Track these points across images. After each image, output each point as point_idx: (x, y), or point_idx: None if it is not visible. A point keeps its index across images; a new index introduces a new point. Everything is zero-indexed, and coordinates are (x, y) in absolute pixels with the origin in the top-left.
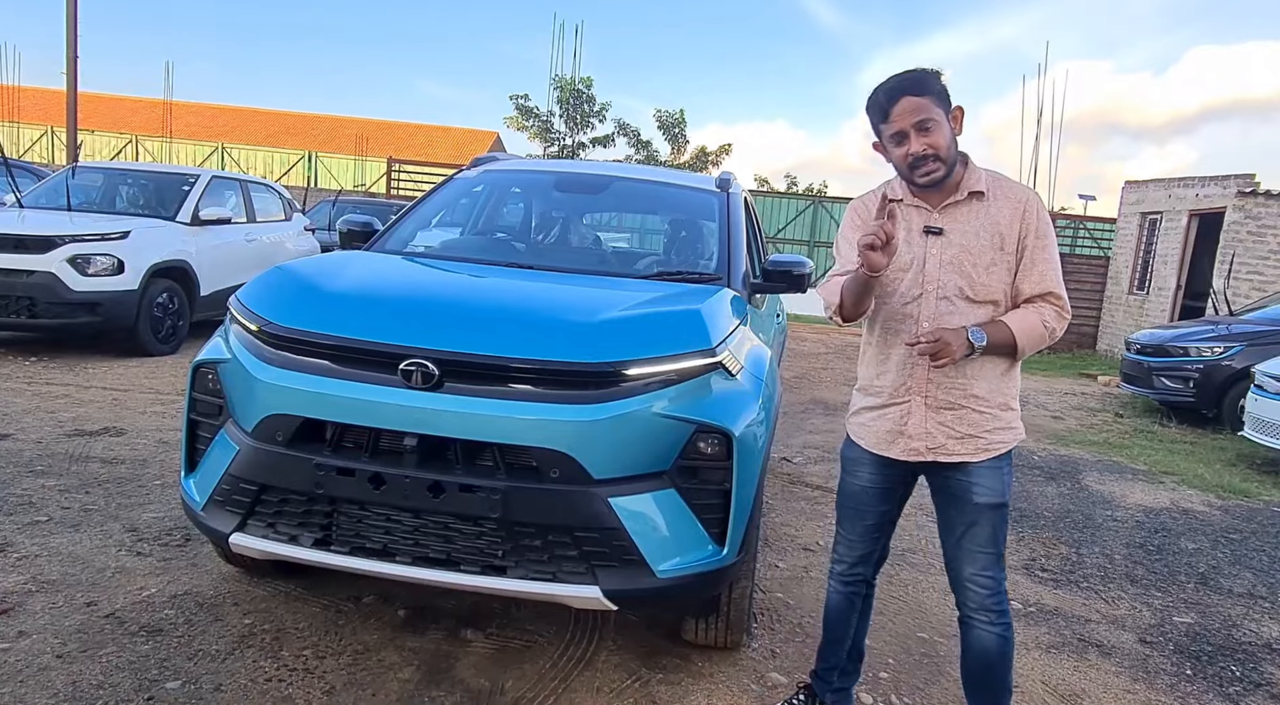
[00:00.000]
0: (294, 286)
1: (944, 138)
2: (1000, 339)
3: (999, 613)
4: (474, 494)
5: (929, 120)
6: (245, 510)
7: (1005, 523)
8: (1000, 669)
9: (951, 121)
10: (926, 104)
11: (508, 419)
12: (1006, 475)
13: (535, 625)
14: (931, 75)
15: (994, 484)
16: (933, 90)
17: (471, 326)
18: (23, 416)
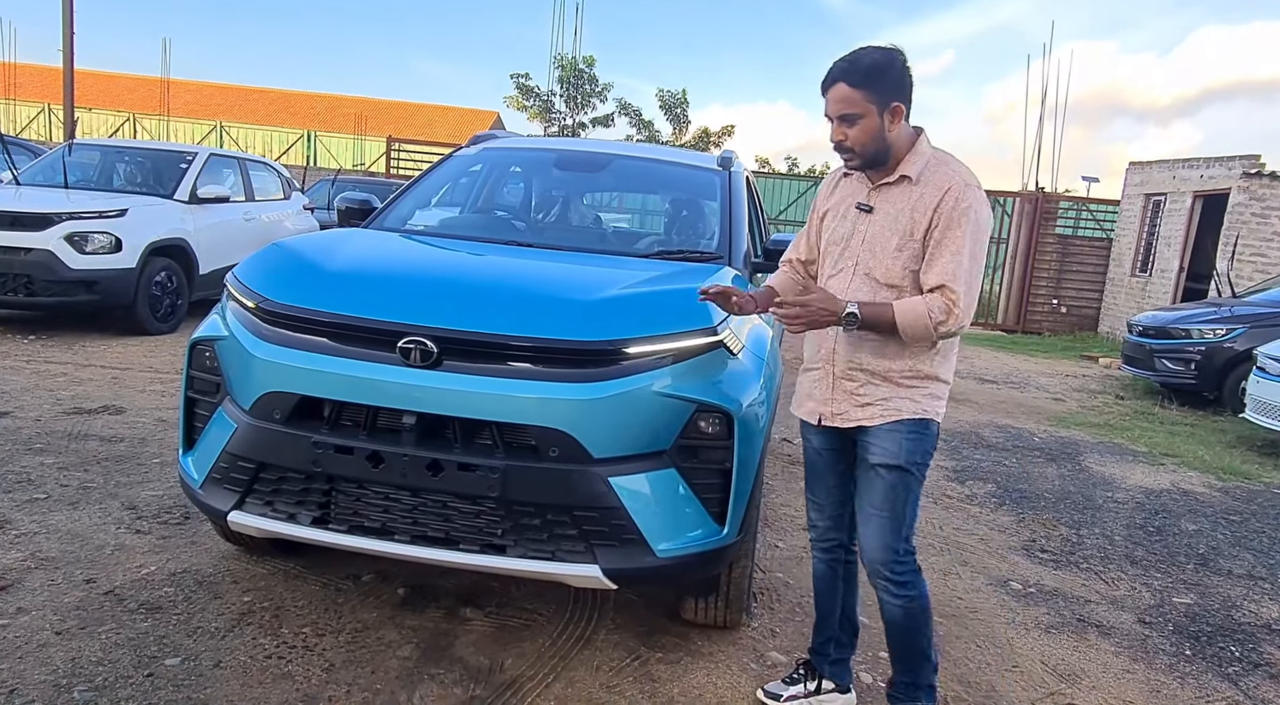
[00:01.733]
0: (292, 263)
1: (864, 133)
2: (876, 317)
3: (898, 583)
4: (473, 472)
5: (851, 115)
6: (243, 488)
7: (905, 490)
8: (906, 640)
9: (888, 116)
10: (856, 98)
11: (507, 397)
12: (908, 441)
13: (534, 604)
14: (880, 65)
15: (889, 446)
16: (872, 82)
17: (471, 304)
18: (21, 395)
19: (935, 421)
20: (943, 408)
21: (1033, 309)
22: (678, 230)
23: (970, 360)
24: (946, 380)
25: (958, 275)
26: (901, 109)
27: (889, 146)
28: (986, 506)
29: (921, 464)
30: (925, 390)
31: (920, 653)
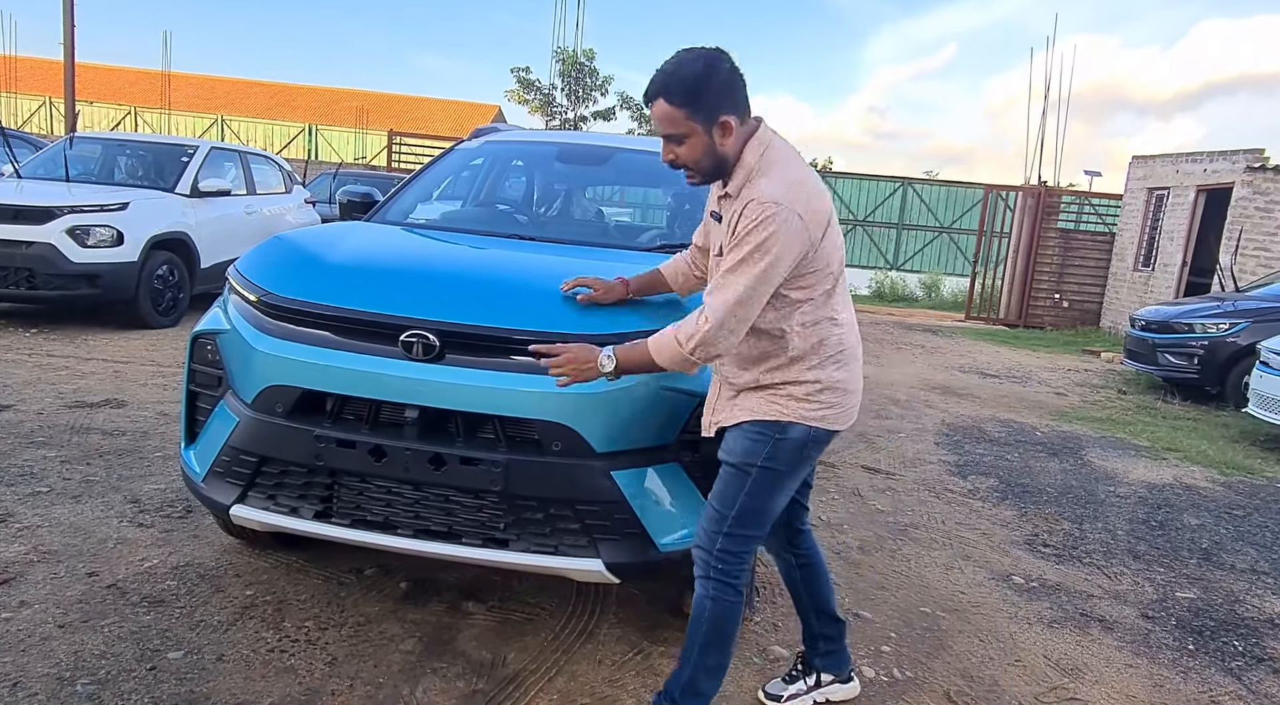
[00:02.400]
0: (293, 256)
1: (694, 152)
2: (634, 360)
3: (703, 576)
4: (475, 467)
5: (675, 135)
6: (245, 482)
7: (736, 487)
8: (691, 637)
9: (717, 132)
10: (679, 117)
11: (509, 391)
12: (747, 441)
13: (537, 598)
14: (700, 78)
15: (730, 444)
16: (693, 99)
17: (473, 298)
18: (24, 388)
19: (799, 425)
20: (816, 409)
21: (1035, 303)
22: (680, 223)
23: (972, 355)
24: (816, 381)
25: (718, 293)
26: (730, 123)
27: (726, 159)
28: (989, 501)
29: (766, 467)
30: (783, 392)
31: (695, 662)
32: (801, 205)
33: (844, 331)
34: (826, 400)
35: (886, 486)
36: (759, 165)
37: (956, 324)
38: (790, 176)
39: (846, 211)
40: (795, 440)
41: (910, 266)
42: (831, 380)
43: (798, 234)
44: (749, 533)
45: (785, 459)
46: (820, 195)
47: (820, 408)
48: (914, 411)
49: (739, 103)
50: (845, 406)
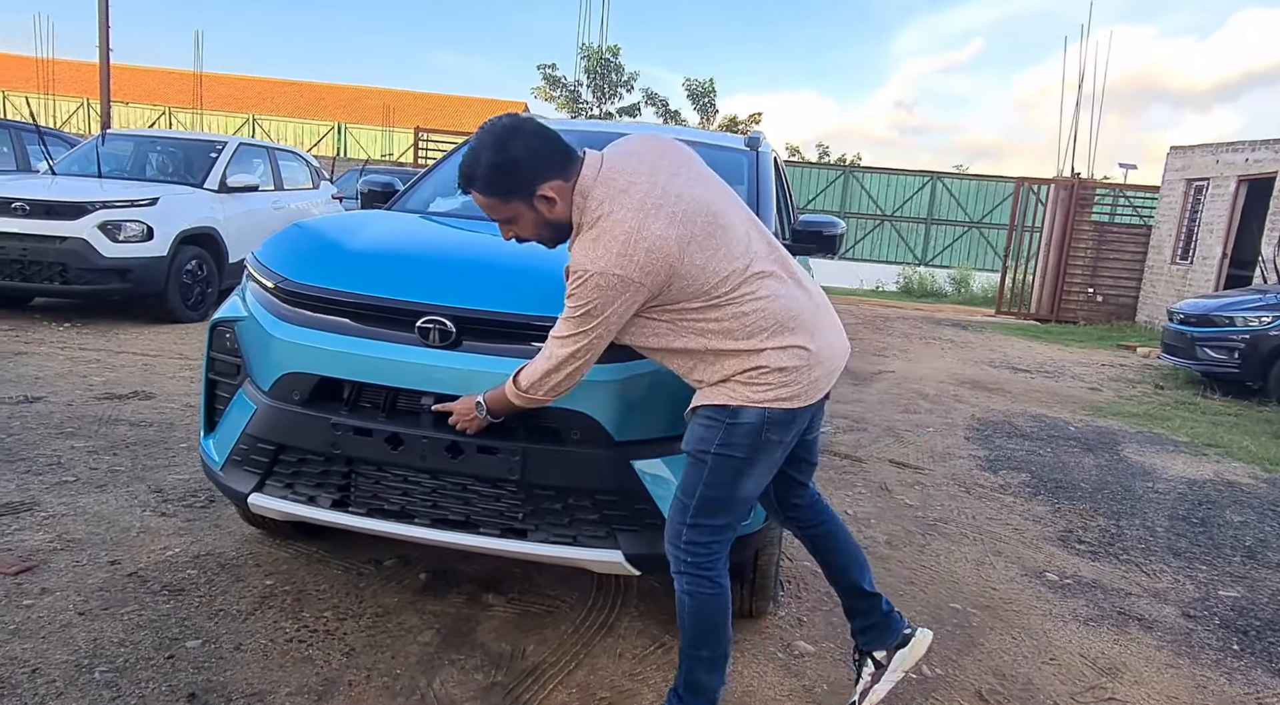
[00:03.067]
0: (311, 243)
1: (528, 228)
2: (499, 402)
3: (676, 570)
4: (493, 455)
5: (504, 218)
6: (263, 470)
7: (693, 475)
8: (685, 625)
9: (541, 205)
10: (497, 205)
11: None
12: (698, 428)
13: (557, 590)
14: (500, 168)
15: (690, 432)
16: (502, 187)
17: (490, 283)
18: (55, 380)
19: (750, 408)
20: (764, 391)
21: (1067, 298)
22: None
23: (1003, 350)
24: (756, 366)
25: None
26: (549, 193)
27: (564, 223)
28: (1020, 496)
29: (721, 454)
30: (729, 376)
31: (688, 656)
32: (620, 263)
33: (770, 303)
34: (775, 381)
35: (915, 481)
36: (581, 223)
37: (986, 319)
38: (612, 230)
39: (874, 206)
40: (749, 425)
41: (939, 262)
42: (776, 361)
43: (623, 292)
44: (714, 522)
45: (741, 445)
46: (654, 239)
47: (769, 389)
48: (943, 406)
49: (552, 165)
50: (802, 382)
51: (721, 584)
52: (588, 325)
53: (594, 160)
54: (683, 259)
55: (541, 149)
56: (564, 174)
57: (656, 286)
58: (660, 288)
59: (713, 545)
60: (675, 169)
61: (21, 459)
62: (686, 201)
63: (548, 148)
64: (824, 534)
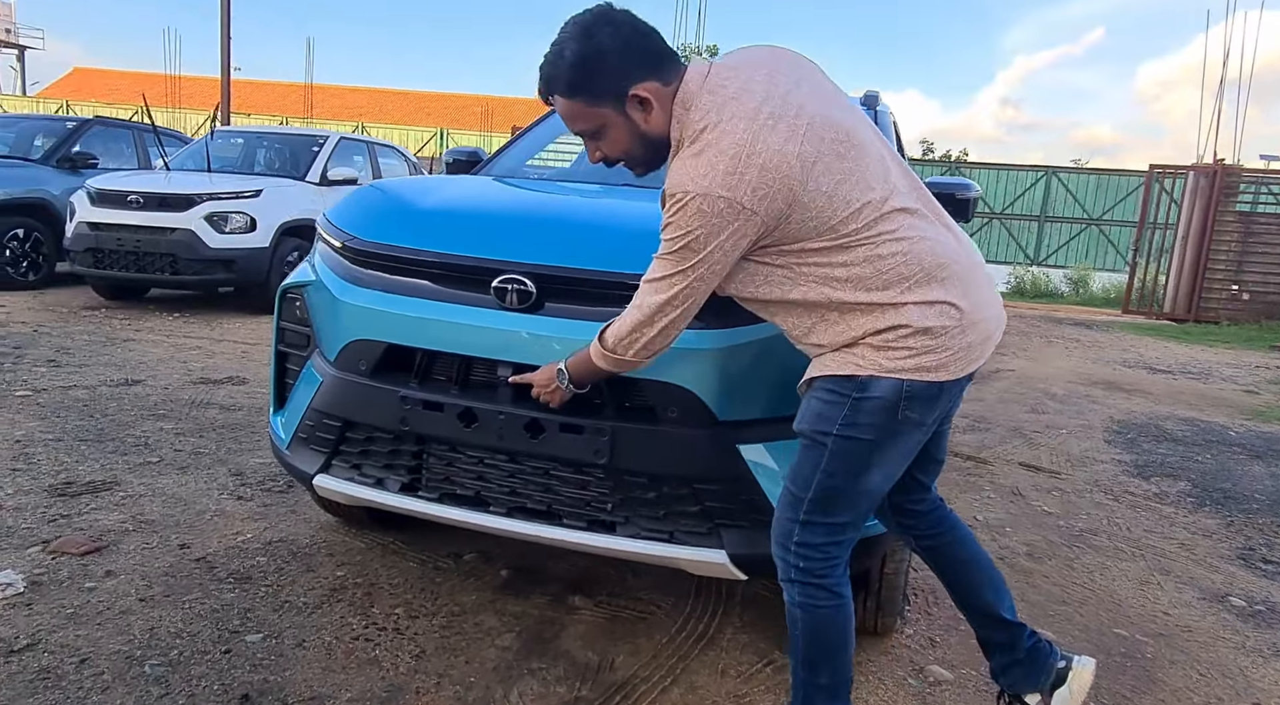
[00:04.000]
0: (384, 202)
1: (618, 143)
2: (583, 367)
3: (784, 577)
4: (578, 435)
5: (589, 130)
6: (330, 449)
7: (807, 462)
8: (798, 644)
9: (634, 112)
10: (580, 109)
11: None
12: (825, 406)
13: (652, 594)
14: (585, 59)
15: (805, 408)
16: (587, 85)
17: (576, 238)
18: (156, 365)
19: (884, 379)
20: (905, 357)
21: (1208, 296)
22: None
23: (1136, 349)
24: (897, 324)
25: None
26: (645, 95)
27: (662, 138)
28: (1182, 507)
29: (844, 436)
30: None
31: (805, 683)
32: (728, 183)
33: (913, 246)
34: (917, 345)
35: (1052, 486)
36: (682, 138)
37: (1112, 319)
38: (719, 143)
39: (982, 204)
40: (881, 400)
41: (1054, 261)
42: (919, 319)
43: (730, 220)
44: (833, 520)
45: (870, 425)
46: (771, 155)
47: (909, 355)
48: (1074, 406)
49: (648, 61)
50: (950, 349)
51: (841, 595)
52: (687, 263)
53: (699, 68)
54: (806, 183)
55: (635, 42)
56: (662, 75)
57: (772, 217)
58: (776, 219)
59: (830, 548)
60: (798, 79)
61: (112, 439)
62: (811, 115)
63: (643, 41)
64: (949, 545)
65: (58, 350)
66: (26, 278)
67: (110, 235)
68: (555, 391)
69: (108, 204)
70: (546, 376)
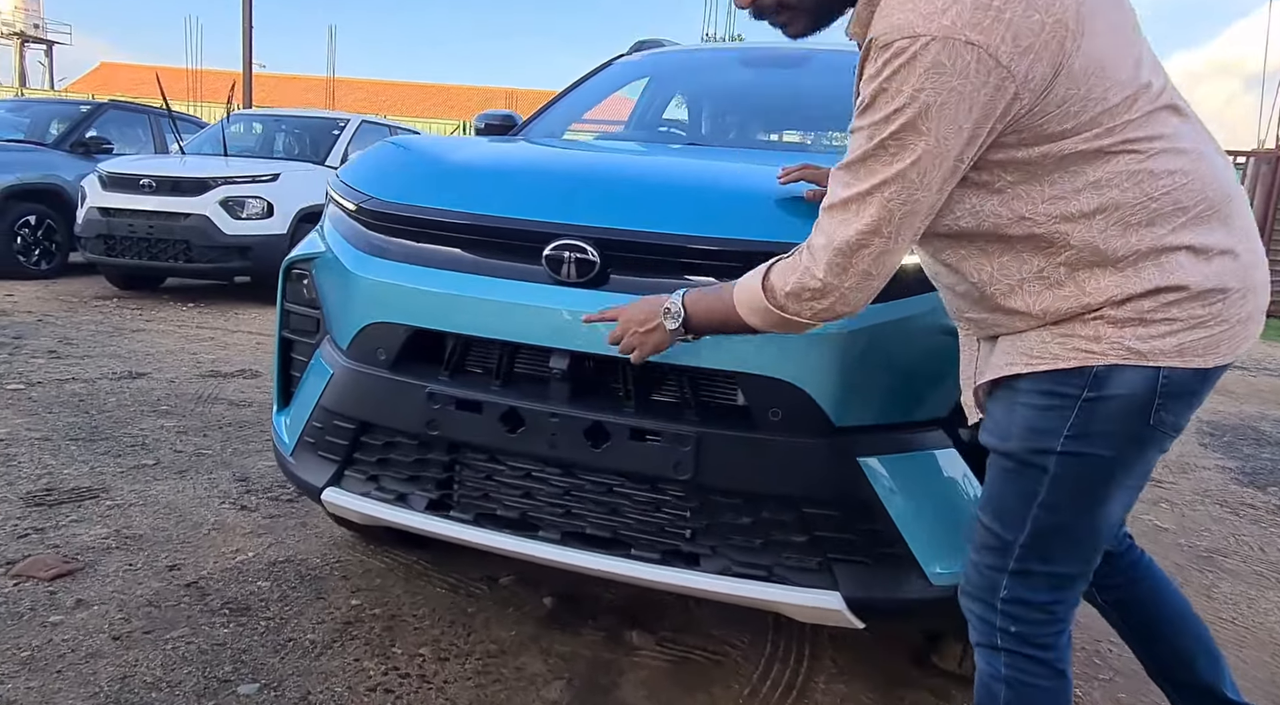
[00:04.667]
0: (408, 156)
1: None
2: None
3: (986, 643)
4: (652, 443)
5: None
6: (341, 457)
7: (1025, 493)
8: None
9: None
10: None
11: None
12: (1040, 414)
13: (724, 630)
14: None
15: (1004, 419)
16: None
17: (649, 197)
18: (164, 357)
19: (1134, 367)
20: (1165, 333)
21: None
22: None
23: None
24: (1158, 285)
25: (831, 219)
26: None
27: None
28: None
29: (1072, 453)
30: (1096, 306)
31: None
32: (981, 23)
33: (1198, 165)
34: (1186, 314)
35: (1159, 498)
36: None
37: None
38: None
39: None
40: (1127, 399)
41: None
42: (1197, 277)
43: (981, 84)
44: (1057, 569)
45: (1110, 434)
46: None
47: (1173, 330)
48: None
49: None
50: (1230, 320)
51: (1064, 672)
52: (902, 159)
53: None
54: (1080, 39)
55: None
56: None
57: (1031, 87)
58: (1035, 92)
59: (1056, 609)
60: None
61: (105, 438)
62: None
63: None
64: (1146, 597)
65: (60, 340)
66: (39, 267)
67: (122, 221)
68: (650, 333)
69: (119, 188)
70: (645, 312)
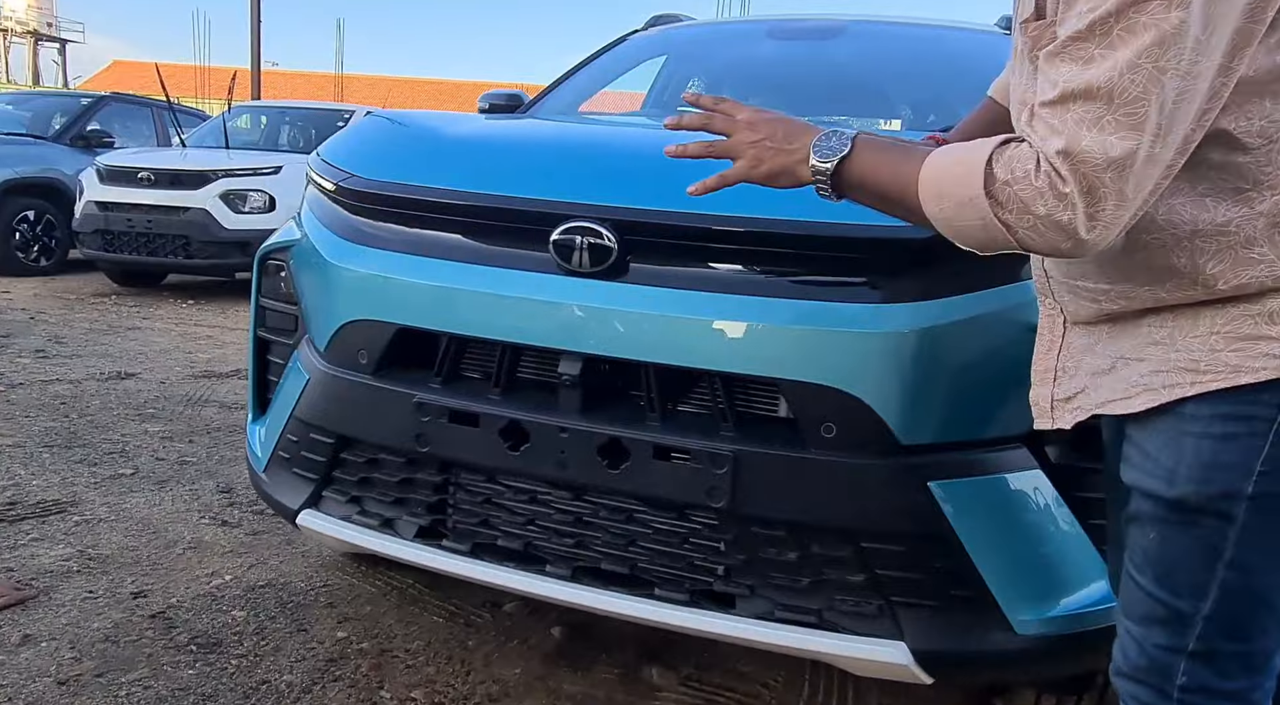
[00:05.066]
0: (395, 131)
1: None
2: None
3: None
4: (680, 464)
5: None
6: (320, 475)
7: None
8: None
9: None
10: None
11: (743, 328)
12: (1195, 446)
13: (754, 667)
14: None
15: (1153, 453)
16: None
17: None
18: (157, 356)
19: None
20: None
21: None
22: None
23: None
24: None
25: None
26: None
27: None
28: None
29: (1264, 496)
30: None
31: None
32: None
33: None
34: None
35: None
36: None
37: None
38: None
39: None
40: None
41: None
42: None
43: None
44: (1256, 646)
45: None
46: None
47: None
48: None
49: None
50: None
51: None
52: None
53: None
54: None
55: None
56: None
57: None
58: None
59: (1252, 696)
60: None
61: (83, 444)
62: None
63: None
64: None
65: (51, 339)
66: (38, 263)
67: (120, 216)
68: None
69: (117, 181)
70: (792, 128)
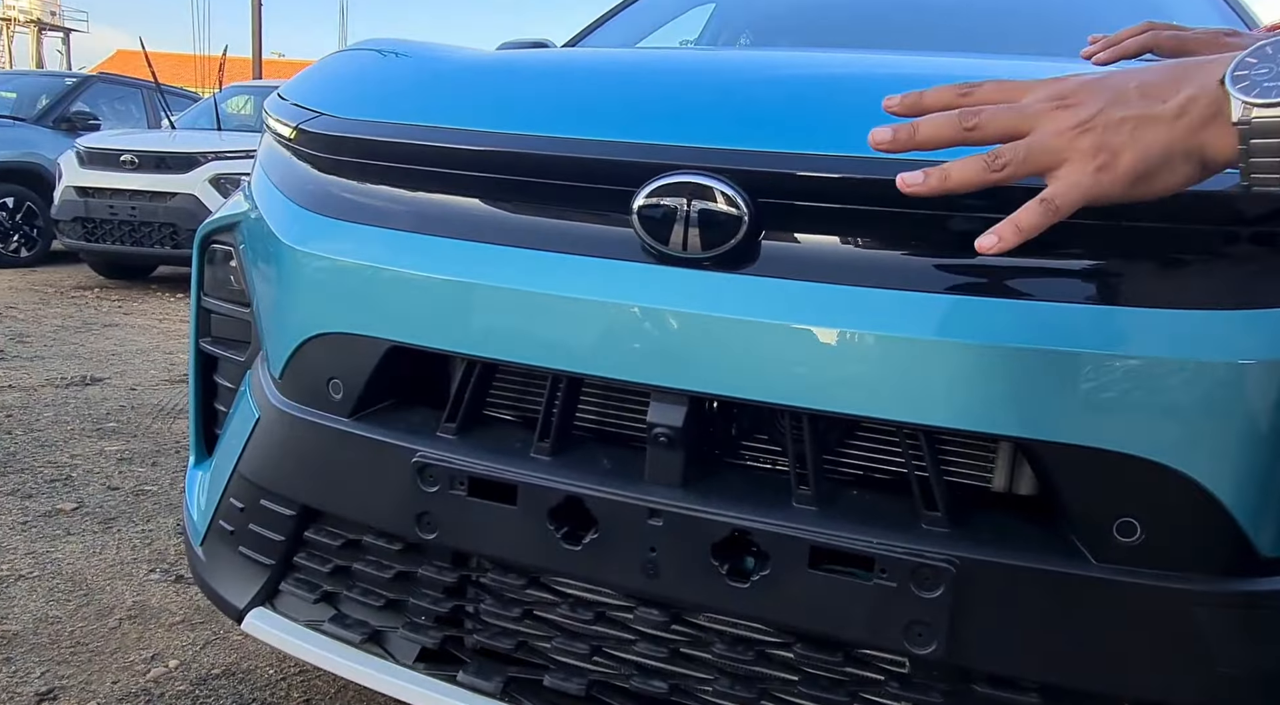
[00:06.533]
0: (383, 60)
1: None
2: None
3: None
4: (853, 579)
5: None
6: (276, 558)
7: None
8: None
9: None
10: None
11: (974, 355)
12: None
13: None
14: None
15: None
16: None
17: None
18: (132, 357)
19: None
20: None
21: None
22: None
23: None
24: None
25: None
26: None
27: None
28: None
29: None
30: None
31: None
32: None
33: None
34: None
35: None
36: None
37: None
38: None
39: None
40: None
41: None
42: None
43: None
44: None
45: None
46: None
47: None
48: None
49: None
50: None
51: None
52: None
53: None
54: None
55: None
56: None
57: None
58: None
59: None
60: None
61: (20, 470)
62: None
63: None
64: None
65: (14, 337)
66: (18, 254)
67: (101, 202)
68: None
69: (99, 165)
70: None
